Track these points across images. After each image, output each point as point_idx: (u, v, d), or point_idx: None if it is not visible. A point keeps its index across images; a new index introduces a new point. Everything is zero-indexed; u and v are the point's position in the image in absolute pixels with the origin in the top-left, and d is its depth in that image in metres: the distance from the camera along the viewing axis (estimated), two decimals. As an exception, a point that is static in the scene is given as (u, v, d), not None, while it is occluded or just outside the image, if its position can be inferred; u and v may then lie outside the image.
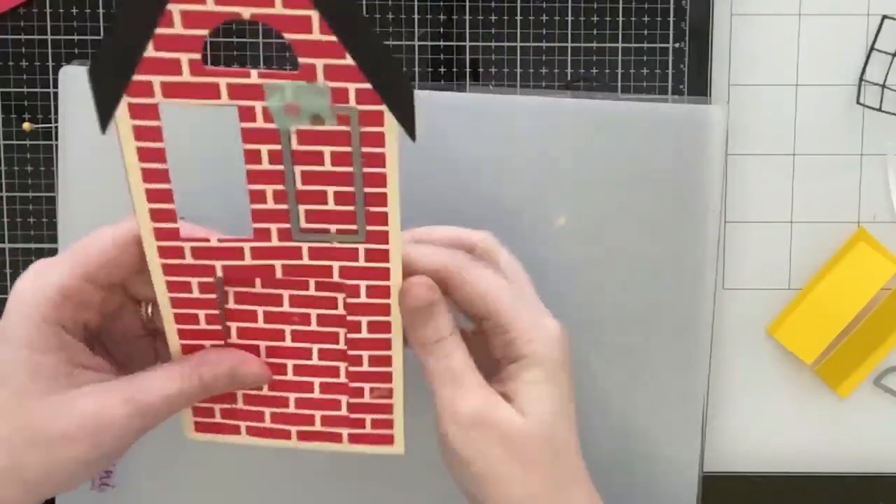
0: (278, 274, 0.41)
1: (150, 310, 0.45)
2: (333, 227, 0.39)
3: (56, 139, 0.55)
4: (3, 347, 0.40)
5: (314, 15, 0.34)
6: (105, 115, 0.36)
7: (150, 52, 0.34)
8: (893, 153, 0.58)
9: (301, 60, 0.35)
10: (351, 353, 0.42)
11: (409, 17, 0.56)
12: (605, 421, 0.56)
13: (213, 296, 0.41)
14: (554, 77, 0.57)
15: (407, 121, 0.36)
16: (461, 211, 0.55)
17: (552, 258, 0.55)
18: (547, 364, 0.43)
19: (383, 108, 0.36)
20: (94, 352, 0.42)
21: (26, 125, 0.56)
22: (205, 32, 0.34)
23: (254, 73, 0.36)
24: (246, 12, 0.34)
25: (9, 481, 0.39)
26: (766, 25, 0.57)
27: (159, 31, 0.34)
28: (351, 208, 0.39)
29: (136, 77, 0.35)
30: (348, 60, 0.35)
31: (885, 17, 0.57)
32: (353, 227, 0.39)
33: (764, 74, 0.57)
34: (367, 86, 0.35)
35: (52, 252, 0.57)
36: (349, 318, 0.41)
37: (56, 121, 0.55)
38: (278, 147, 0.38)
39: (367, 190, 0.38)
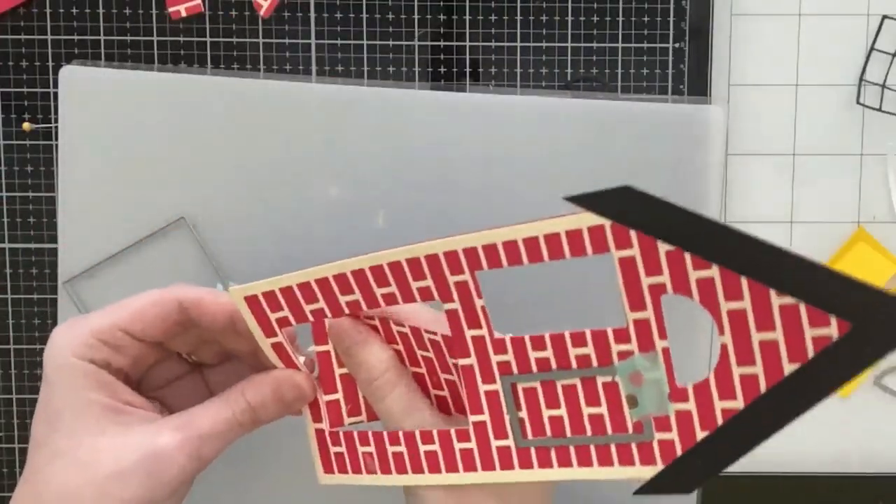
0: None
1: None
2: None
3: (56, 139, 0.55)
4: (48, 390, 0.40)
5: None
6: None
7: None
8: (893, 153, 0.58)
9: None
10: None
11: (409, 17, 0.56)
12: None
13: None
14: (554, 77, 0.57)
15: None
16: (461, 211, 0.55)
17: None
18: None
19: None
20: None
21: (26, 125, 0.56)
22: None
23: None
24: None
25: None
26: (766, 25, 0.57)
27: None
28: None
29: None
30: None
31: (885, 17, 0.57)
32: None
33: (764, 74, 0.57)
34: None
35: (52, 252, 0.57)
36: None
37: (56, 121, 0.55)
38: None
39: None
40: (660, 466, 0.35)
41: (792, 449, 0.60)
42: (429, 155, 0.54)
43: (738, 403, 0.32)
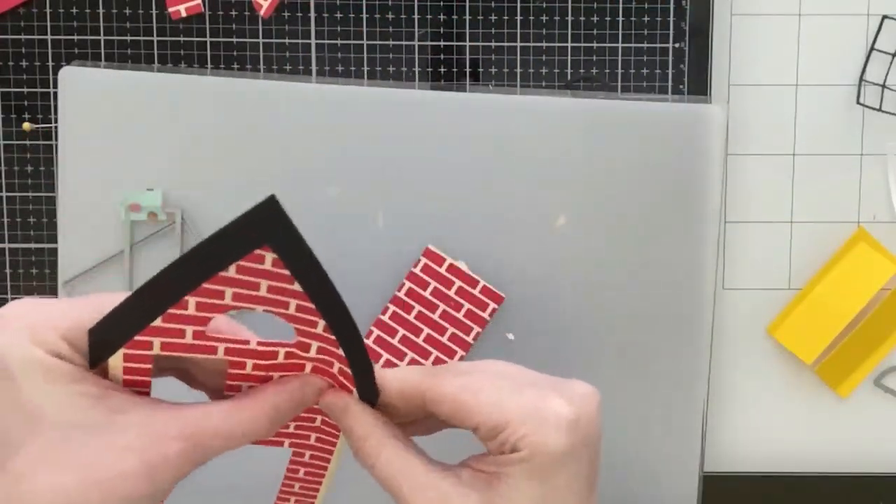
0: None
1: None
2: None
3: (56, 139, 0.55)
4: (12, 385, 0.36)
5: (321, 322, 0.37)
6: (98, 359, 0.36)
7: (158, 322, 0.36)
8: (893, 153, 0.58)
9: (299, 338, 0.38)
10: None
11: (409, 17, 0.56)
12: (605, 421, 0.56)
13: None
14: (554, 77, 0.57)
15: (369, 395, 0.40)
16: (461, 211, 0.55)
17: (552, 258, 0.55)
18: (542, 458, 0.38)
19: (351, 397, 0.40)
20: None
21: (26, 125, 0.56)
22: (215, 315, 0.36)
23: (253, 341, 0.38)
24: (259, 309, 0.36)
25: None
26: (766, 25, 0.57)
27: (172, 311, 0.35)
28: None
29: (138, 337, 0.36)
30: (340, 351, 0.38)
31: (885, 17, 0.57)
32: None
33: (764, 74, 0.57)
34: (347, 369, 0.39)
35: (52, 252, 0.57)
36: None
37: (56, 121, 0.55)
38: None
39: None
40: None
41: (792, 449, 0.60)
42: (428, 155, 0.54)
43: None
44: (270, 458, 0.45)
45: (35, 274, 0.57)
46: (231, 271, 0.35)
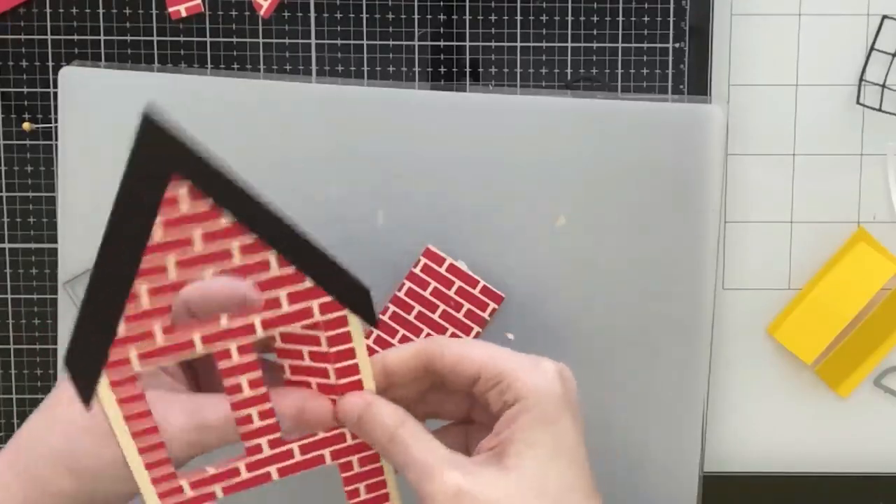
0: (274, 476, 0.42)
1: None
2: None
3: (56, 139, 0.55)
4: None
5: (272, 255, 0.36)
6: (87, 394, 0.36)
7: (122, 329, 0.35)
8: (893, 153, 0.58)
9: (265, 295, 0.37)
10: None
11: (409, 17, 0.56)
12: (605, 421, 0.56)
13: None
14: (554, 77, 0.57)
15: (368, 315, 0.39)
16: (461, 210, 0.55)
17: (552, 258, 0.55)
18: (543, 402, 0.41)
19: (345, 312, 0.39)
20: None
21: (26, 125, 0.56)
22: (172, 299, 0.35)
23: (223, 318, 0.37)
24: (207, 273, 0.36)
25: (62, 467, 0.40)
26: (766, 25, 0.57)
27: (129, 309, 0.35)
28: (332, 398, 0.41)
29: (113, 355, 0.35)
30: (308, 283, 0.37)
31: (885, 17, 0.57)
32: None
33: (764, 74, 0.57)
34: (328, 298, 0.38)
35: (52, 252, 0.57)
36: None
37: (56, 121, 0.55)
38: (257, 374, 0.39)
39: (341, 381, 0.41)
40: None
41: (792, 449, 0.60)
42: (429, 155, 0.54)
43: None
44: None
45: (35, 274, 0.58)
46: (158, 235, 0.34)
